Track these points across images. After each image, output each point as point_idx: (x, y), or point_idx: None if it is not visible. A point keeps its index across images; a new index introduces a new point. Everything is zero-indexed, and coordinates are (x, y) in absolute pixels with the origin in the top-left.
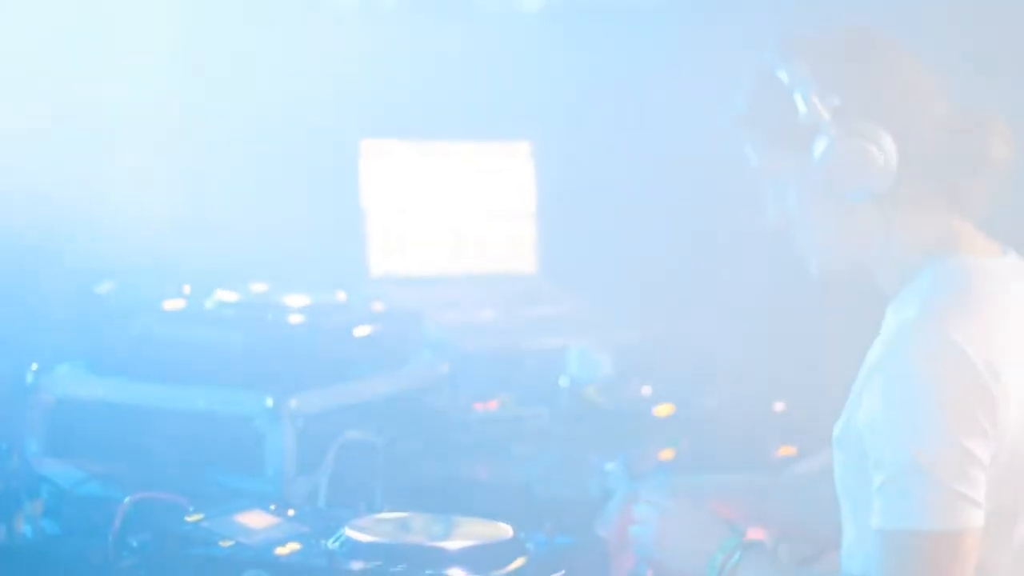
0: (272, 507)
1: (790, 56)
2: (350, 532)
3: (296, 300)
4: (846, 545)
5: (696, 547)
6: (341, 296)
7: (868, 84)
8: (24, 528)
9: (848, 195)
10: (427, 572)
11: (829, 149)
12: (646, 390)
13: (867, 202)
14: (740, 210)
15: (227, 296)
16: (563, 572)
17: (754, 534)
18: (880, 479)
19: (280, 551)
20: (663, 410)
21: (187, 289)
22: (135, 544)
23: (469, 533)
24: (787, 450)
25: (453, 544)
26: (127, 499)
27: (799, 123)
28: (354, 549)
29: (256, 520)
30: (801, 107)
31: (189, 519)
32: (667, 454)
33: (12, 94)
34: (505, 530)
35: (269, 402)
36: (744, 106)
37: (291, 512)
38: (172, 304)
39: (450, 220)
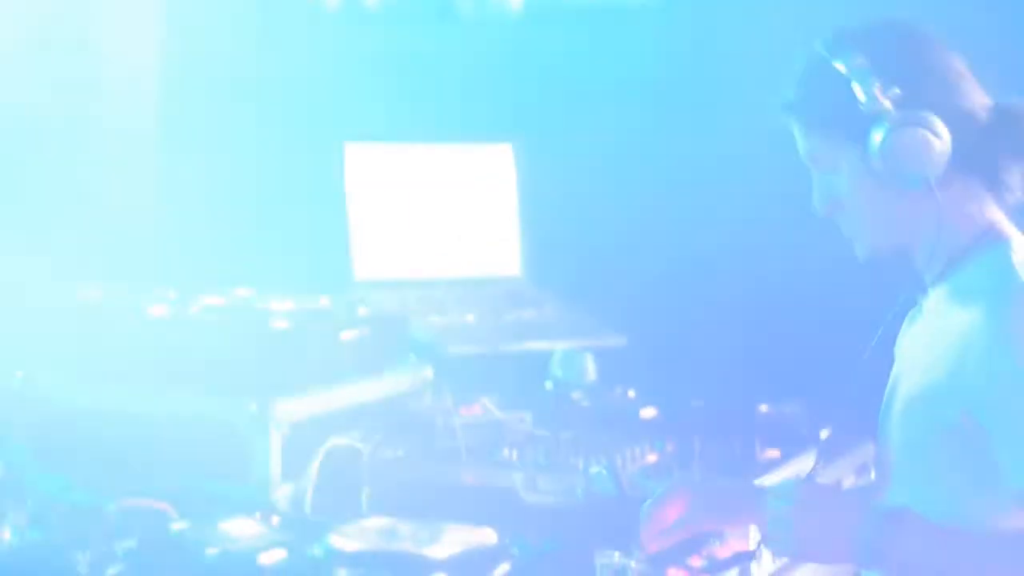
0: (257, 514)
1: (846, 47)
2: (335, 539)
3: (280, 305)
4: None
5: (838, 528)
6: (325, 301)
7: (922, 74)
8: (9, 536)
9: (906, 182)
10: None
11: (889, 137)
12: (631, 393)
13: (920, 189)
14: (724, 212)
15: (212, 301)
16: None
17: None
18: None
19: (265, 559)
20: (648, 413)
21: (172, 295)
22: (120, 552)
23: (454, 539)
24: (772, 452)
25: (438, 551)
26: (112, 506)
27: (857, 112)
28: (339, 557)
29: (241, 527)
30: (861, 96)
31: (174, 526)
32: (652, 457)
33: None
34: (490, 536)
35: (253, 408)
36: (798, 95)
37: (276, 519)
38: (157, 310)
39: (433, 224)
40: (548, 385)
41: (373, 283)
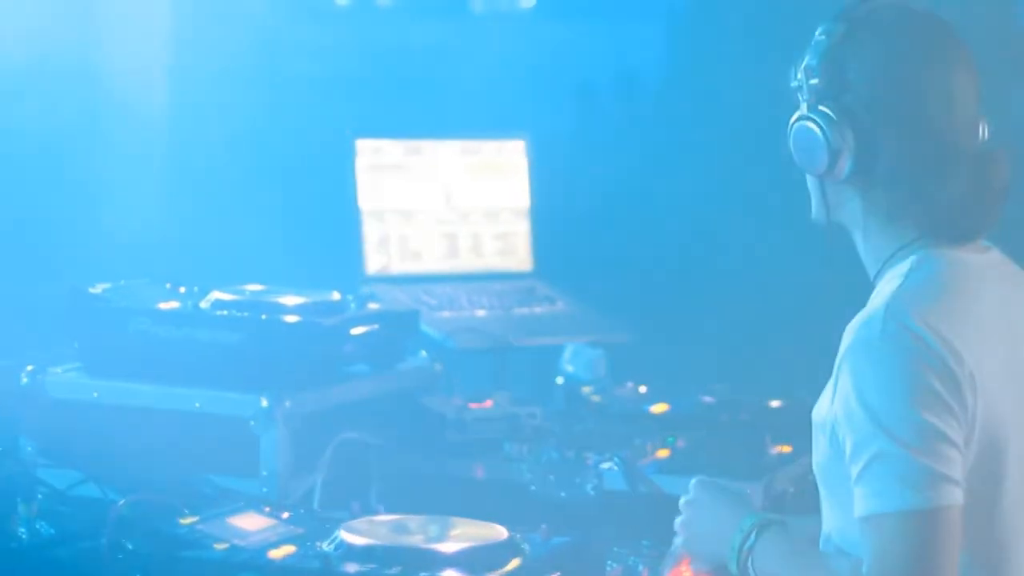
0: (267, 509)
1: (833, 17)
2: (345, 534)
3: (291, 300)
4: (826, 529)
5: (719, 531)
6: (336, 296)
7: (858, 76)
8: (19, 530)
9: (805, 170)
10: (422, 574)
11: (790, 122)
12: (642, 389)
13: (848, 186)
14: (735, 208)
15: (222, 296)
16: (559, 573)
17: None
18: (857, 467)
19: (274, 554)
20: (659, 408)
21: (182, 290)
22: (130, 546)
23: (464, 534)
24: (783, 448)
25: (448, 546)
26: (121, 501)
27: (793, 85)
28: (349, 551)
29: (250, 522)
30: (793, 79)
31: (183, 521)
32: (663, 453)
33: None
34: (500, 531)
35: (264, 402)
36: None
37: (286, 514)
38: (167, 304)
39: (444, 219)
40: (559, 380)
41: (384, 278)
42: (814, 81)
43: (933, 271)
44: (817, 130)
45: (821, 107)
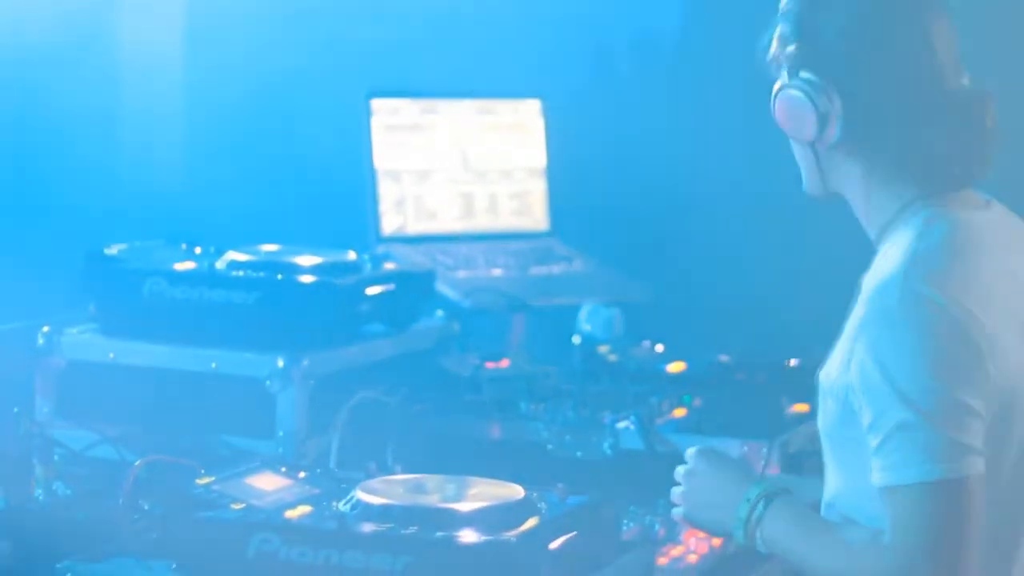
0: (283, 469)
1: None
2: (361, 494)
3: (307, 260)
4: (829, 495)
5: (723, 502)
6: (352, 256)
7: (838, 40)
8: (36, 491)
9: (793, 138)
10: (439, 534)
11: (773, 94)
12: (658, 348)
13: (840, 150)
14: (753, 166)
15: (238, 257)
16: (576, 532)
17: None
18: (878, 438)
19: (291, 514)
20: (676, 367)
21: (198, 250)
22: (146, 507)
23: (481, 494)
24: (800, 407)
25: (465, 505)
26: (138, 462)
27: (769, 58)
28: (365, 511)
29: (267, 482)
30: (771, 49)
31: (200, 481)
32: (680, 412)
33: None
34: (517, 491)
35: (280, 363)
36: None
37: (302, 474)
38: (183, 265)
39: (460, 178)
40: (576, 340)
41: (400, 238)
42: (791, 48)
43: (943, 234)
44: (802, 96)
45: (802, 73)
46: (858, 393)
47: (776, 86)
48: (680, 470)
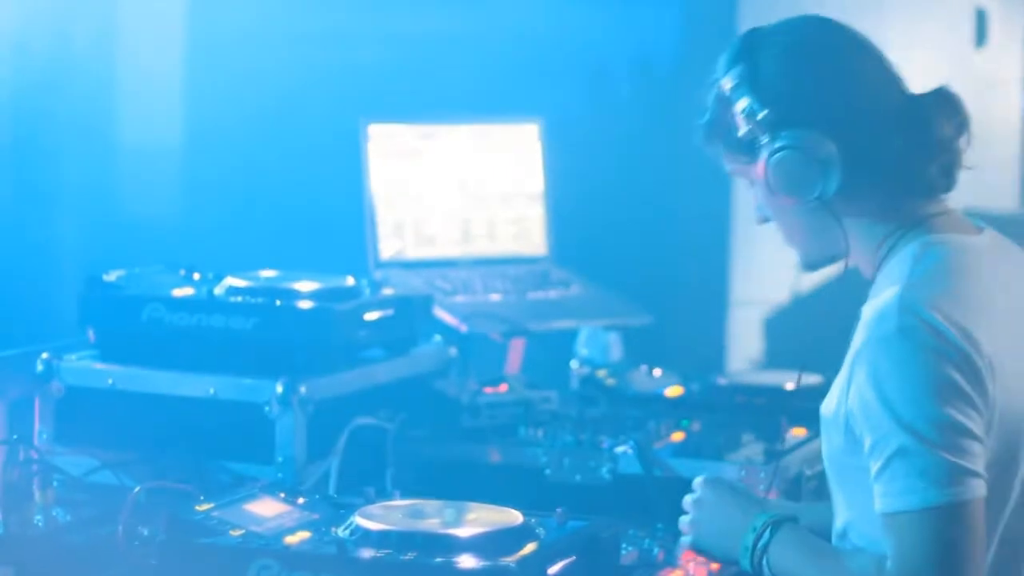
0: (282, 495)
1: (733, 63)
2: (360, 520)
3: (305, 285)
4: (840, 526)
5: (729, 530)
6: (350, 281)
7: (804, 89)
8: (36, 517)
9: (790, 201)
10: (438, 559)
11: (767, 162)
12: (656, 372)
13: (837, 197)
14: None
15: (236, 282)
16: (574, 557)
17: None
18: (878, 464)
19: (290, 539)
20: (674, 391)
21: (196, 276)
22: (146, 532)
23: (479, 519)
24: (798, 431)
25: (464, 531)
26: (137, 488)
27: (742, 135)
28: (364, 537)
29: (266, 508)
30: (739, 121)
31: (199, 508)
32: (678, 436)
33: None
34: (515, 516)
35: (279, 388)
36: (704, 117)
37: (301, 500)
38: (181, 291)
39: (458, 203)
40: (574, 364)
41: (398, 263)
42: (763, 115)
43: (938, 258)
44: (797, 151)
45: (782, 133)
46: (858, 419)
47: (763, 155)
48: (688, 499)
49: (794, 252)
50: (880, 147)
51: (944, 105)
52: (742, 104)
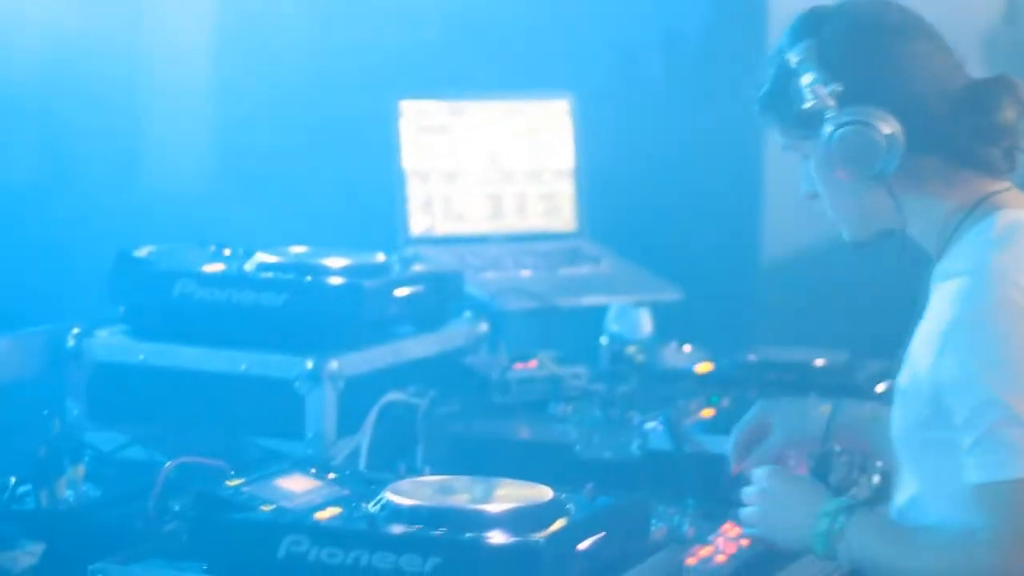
0: (312, 470)
1: (798, 38)
2: (390, 495)
3: (336, 262)
4: (903, 500)
5: (799, 518)
6: (380, 257)
7: (872, 67)
8: (66, 493)
9: (860, 177)
10: (468, 535)
11: (833, 137)
12: (686, 348)
13: (882, 181)
14: (782, 165)
15: (267, 258)
16: (604, 533)
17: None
18: (972, 437)
19: (320, 515)
20: (703, 368)
21: (227, 252)
22: (176, 508)
23: (509, 495)
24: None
25: (494, 506)
26: (168, 463)
27: (809, 108)
28: (394, 512)
29: (296, 484)
30: (807, 94)
31: (229, 483)
32: (708, 412)
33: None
34: (545, 492)
35: (309, 364)
36: (763, 89)
37: (331, 475)
38: (212, 267)
39: (489, 179)
40: (604, 340)
41: (428, 239)
42: (832, 89)
43: (1009, 234)
44: (864, 127)
45: (850, 108)
46: (950, 393)
47: (827, 128)
48: (750, 491)
49: (842, 228)
50: (943, 128)
51: (1007, 90)
52: (808, 78)
